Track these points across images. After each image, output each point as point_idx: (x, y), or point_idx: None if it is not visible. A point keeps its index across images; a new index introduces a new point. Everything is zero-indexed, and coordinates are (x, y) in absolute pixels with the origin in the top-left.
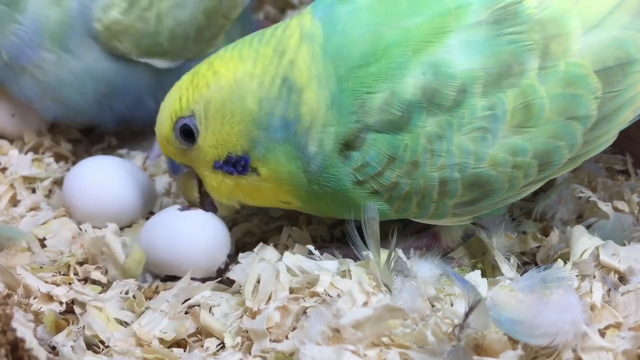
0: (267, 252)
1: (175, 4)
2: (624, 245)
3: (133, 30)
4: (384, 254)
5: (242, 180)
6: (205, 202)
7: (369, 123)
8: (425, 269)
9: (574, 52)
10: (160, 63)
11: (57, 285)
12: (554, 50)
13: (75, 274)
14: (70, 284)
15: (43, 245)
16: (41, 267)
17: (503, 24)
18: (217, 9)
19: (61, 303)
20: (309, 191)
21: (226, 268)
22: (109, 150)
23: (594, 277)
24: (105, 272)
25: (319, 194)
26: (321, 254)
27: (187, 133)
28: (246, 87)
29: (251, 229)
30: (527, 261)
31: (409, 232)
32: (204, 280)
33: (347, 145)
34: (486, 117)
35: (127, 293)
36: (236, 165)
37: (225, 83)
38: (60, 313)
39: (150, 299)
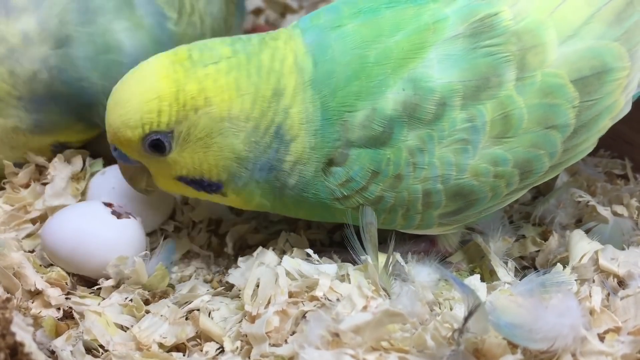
0: (266, 256)
1: (207, 0)
2: (623, 249)
3: (187, 38)
4: (382, 258)
5: (204, 194)
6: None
7: (351, 139)
8: (423, 274)
9: (550, 63)
10: None
11: (57, 287)
12: (530, 61)
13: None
14: (69, 293)
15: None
16: (40, 266)
17: (480, 37)
18: None
19: (58, 309)
20: (275, 207)
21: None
22: None
23: (593, 281)
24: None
25: (291, 208)
26: (320, 258)
27: (157, 147)
28: (240, 127)
29: (249, 233)
30: (527, 265)
31: (407, 236)
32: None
33: (330, 163)
34: (466, 129)
35: (131, 300)
36: (204, 186)
37: (217, 115)
38: (59, 319)
39: (150, 303)
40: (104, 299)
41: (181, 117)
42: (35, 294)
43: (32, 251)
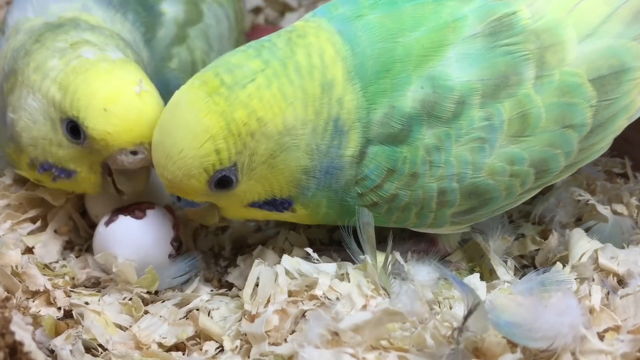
0: (265, 256)
1: None
2: (623, 248)
3: None
4: (380, 257)
5: (276, 214)
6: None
7: (370, 137)
8: (422, 273)
9: (569, 62)
10: None
11: (58, 288)
12: (549, 59)
13: (72, 278)
14: (71, 291)
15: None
16: (44, 267)
17: (498, 36)
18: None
19: (59, 308)
20: (341, 216)
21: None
22: None
23: (593, 280)
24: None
25: (331, 212)
26: (319, 257)
27: (224, 183)
28: (299, 135)
29: (249, 233)
30: (526, 264)
31: (406, 236)
32: None
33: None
34: (484, 128)
35: (130, 300)
36: (277, 205)
37: (274, 131)
38: (59, 318)
39: (149, 303)
40: (103, 295)
41: (240, 148)
42: (36, 293)
43: (32, 248)
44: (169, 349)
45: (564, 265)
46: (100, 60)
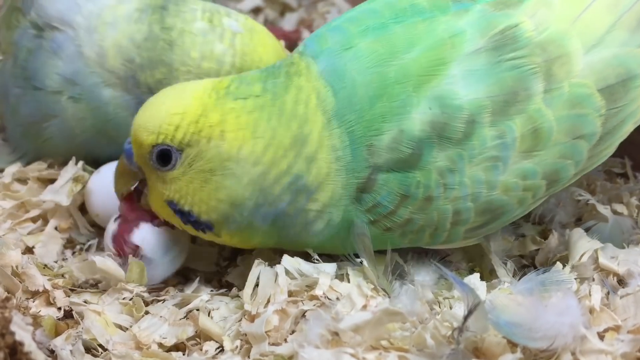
0: (265, 255)
1: None
2: (623, 248)
3: None
4: (380, 259)
5: (191, 229)
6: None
7: (379, 163)
8: (422, 273)
9: (576, 73)
10: None
11: (57, 288)
12: (557, 72)
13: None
14: (71, 290)
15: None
16: (44, 267)
17: (503, 50)
18: None
19: (59, 308)
20: (283, 244)
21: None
22: None
23: (593, 280)
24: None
25: (299, 244)
26: (319, 256)
27: (164, 157)
28: (245, 171)
29: None
30: (526, 264)
31: None
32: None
33: (358, 189)
34: (496, 146)
35: (131, 299)
36: (190, 221)
37: (225, 153)
38: (59, 319)
39: (149, 304)
40: (103, 295)
41: (194, 141)
42: (35, 293)
43: (32, 247)
44: (169, 349)
45: (564, 265)
46: (248, 31)
